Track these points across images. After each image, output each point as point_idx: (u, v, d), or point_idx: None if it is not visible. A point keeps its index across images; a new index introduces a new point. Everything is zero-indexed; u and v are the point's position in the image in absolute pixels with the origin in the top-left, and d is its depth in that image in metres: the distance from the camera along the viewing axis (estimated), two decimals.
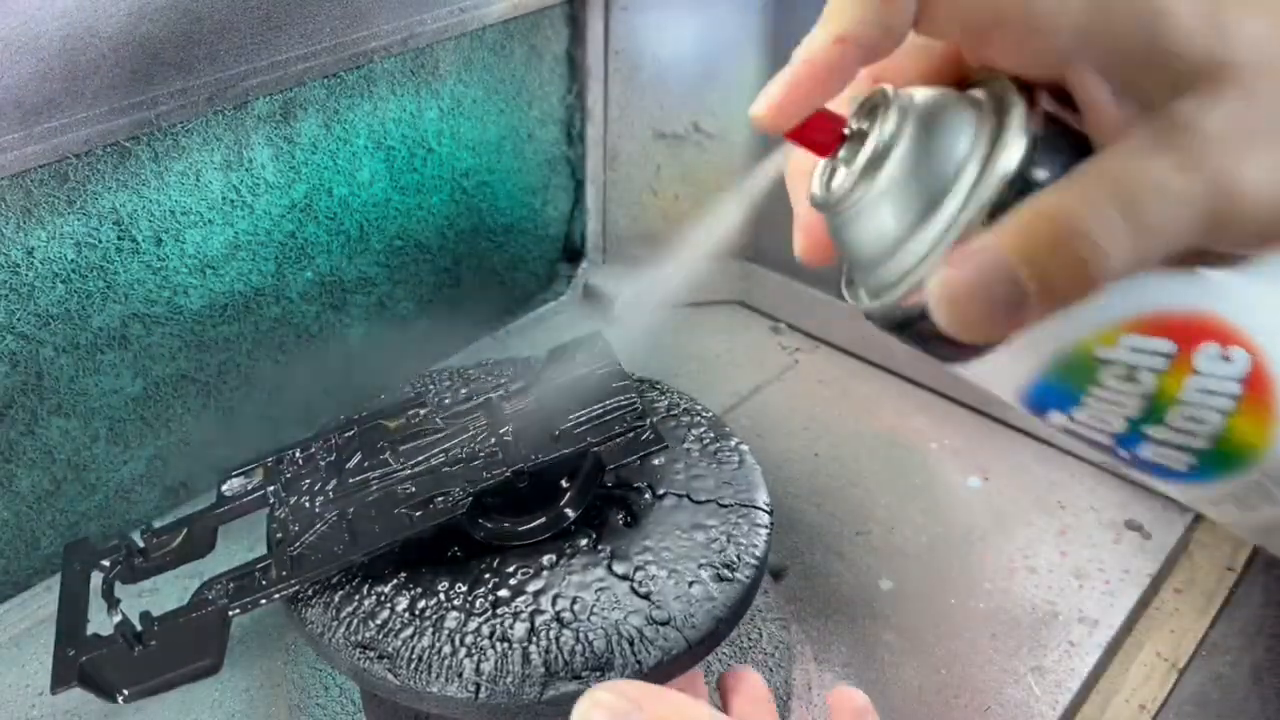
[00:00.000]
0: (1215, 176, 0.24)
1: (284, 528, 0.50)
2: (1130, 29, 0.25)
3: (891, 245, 0.29)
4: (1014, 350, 0.28)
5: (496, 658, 0.44)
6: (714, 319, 0.94)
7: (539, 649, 0.44)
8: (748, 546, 0.49)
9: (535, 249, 0.91)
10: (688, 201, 0.92)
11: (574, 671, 0.43)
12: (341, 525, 0.49)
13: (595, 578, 0.47)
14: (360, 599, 0.47)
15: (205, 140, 0.63)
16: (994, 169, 0.27)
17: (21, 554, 0.64)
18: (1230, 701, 0.62)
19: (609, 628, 0.45)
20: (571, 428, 0.52)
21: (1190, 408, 0.27)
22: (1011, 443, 0.79)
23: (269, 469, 0.54)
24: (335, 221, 0.72)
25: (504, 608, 0.46)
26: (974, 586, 0.66)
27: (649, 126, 0.89)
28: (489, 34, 0.77)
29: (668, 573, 0.47)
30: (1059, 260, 0.25)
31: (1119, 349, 0.27)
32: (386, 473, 0.51)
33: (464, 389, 0.58)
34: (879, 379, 0.86)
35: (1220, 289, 0.27)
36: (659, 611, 0.45)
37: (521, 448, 0.51)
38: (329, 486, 0.52)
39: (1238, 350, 0.27)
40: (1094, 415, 0.29)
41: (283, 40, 0.63)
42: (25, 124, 0.54)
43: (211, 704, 0.59)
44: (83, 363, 0.62)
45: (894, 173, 0.28)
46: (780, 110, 0.29)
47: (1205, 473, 0.29)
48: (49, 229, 0.58)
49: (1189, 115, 0.25)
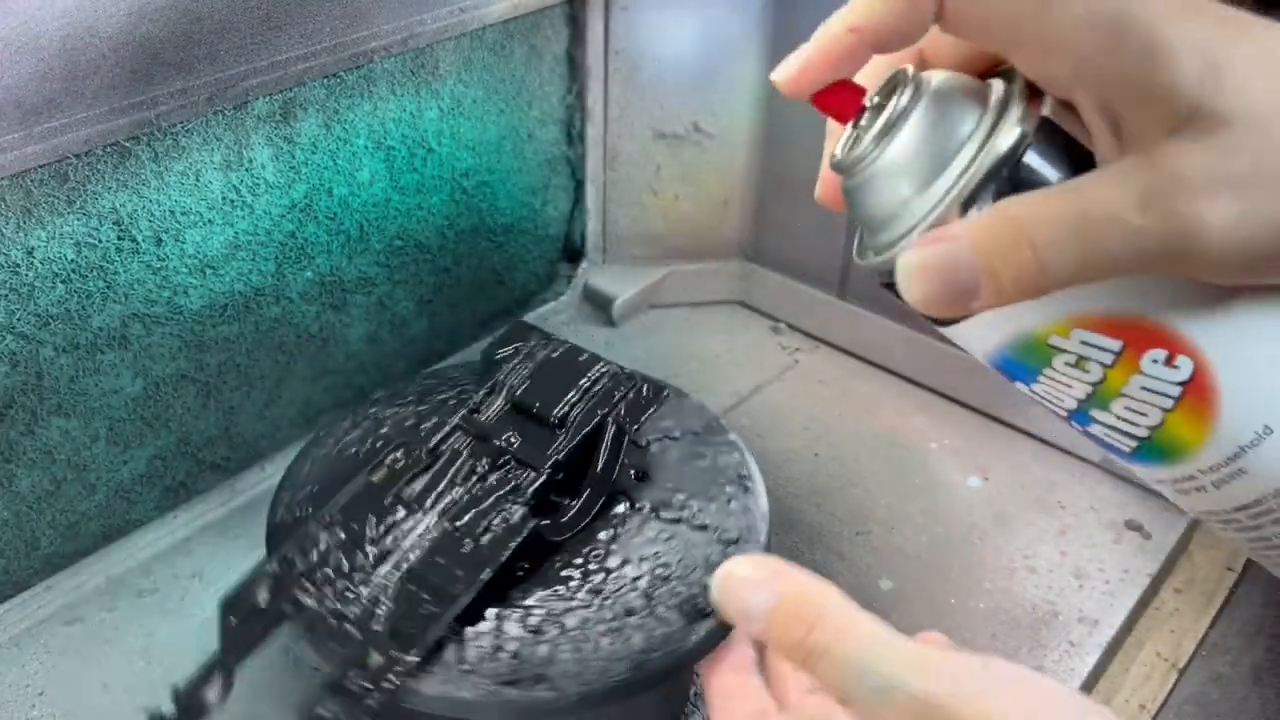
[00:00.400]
0: (1179, 219, 0.26)
1: (340, 616, 0.46)
2: (1130, 66, 0.26)
3: (890, 211, 0.31)
4: (981, 324, 0.31)
5: (644, 627, 0.46)
6: (714, 319, 0.94)
7: (667, 607, 0.47)
8: (742, 459, 0.56)
9: (535, 249, 0.91)
10: (688, 201, 0.92)
11: (704, 611, 0.46)
12: (412, 586, 0.46)
13: (656, 531, 0.51)
14: (480, 645, 0.45)
15: (205, 140, 0.63)
16: (983, 157, 0.29)
17: (21, 554, 0.64)
18: (1230, 701, 0.62)
19: (700, 564, 0.48)
20: (568, 411, 0.53)
21: (1133, 401, 0.30)
22: (1011, 443, 0.79)
23: (275, 578, 0.48)
24: (335, 221, 0.72)
25: (609, 589, 0.48)
26: (974, 586, 0.66)
27: (649, 126, 0.89)
28: (489, 34, 0.77)
29: (704, 501, 0.53)
30: (1009, 263, 0.27)
31: (1071, 340, 0.30)
32: (416, 522, 0.49)
33: (418, 420, 0.56)
34: (879, 379, 0.86)
35: (1177, 301, 0.29)
36: (726, 534, 0.51)
37: (532, 446, 0.51)
38: (363, 560, 0.48)
39: (1184, 359, 0.29)
40: (1049, 391, 0.32)
41: (283, 40, 0.63)
42: (25, 124, 0.54)
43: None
44: (83, 363, 0.62)
45: (900, 145, 0.30)
46: (794, 82, 0.33)
47: (1145, 458, 0.32)
48: (49, 229, 0.58)
49: (1170, 157, 0.26)
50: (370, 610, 0.45)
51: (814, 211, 0.77)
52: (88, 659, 0.61)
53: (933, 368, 0.84)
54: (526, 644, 0.45)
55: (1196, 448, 0.30)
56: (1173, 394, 0.29)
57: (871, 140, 0.31)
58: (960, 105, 0.30)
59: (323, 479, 0.54)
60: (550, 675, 0.44)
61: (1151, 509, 0.72)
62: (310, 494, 0.53)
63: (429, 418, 0.56)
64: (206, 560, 0.68)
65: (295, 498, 0.53)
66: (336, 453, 0.56)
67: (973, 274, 0.28)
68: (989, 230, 0.28)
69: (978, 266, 0.27)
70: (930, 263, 0.28)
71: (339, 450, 0.56)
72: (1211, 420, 0.29)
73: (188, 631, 0.63)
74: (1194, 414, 0.30)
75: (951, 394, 0.83)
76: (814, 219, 0.87)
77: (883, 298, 0.85)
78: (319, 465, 0.55)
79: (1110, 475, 0.75)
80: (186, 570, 0.68)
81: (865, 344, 0.88)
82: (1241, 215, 0.26)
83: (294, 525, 0.50)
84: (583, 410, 0.53)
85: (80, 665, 0.61)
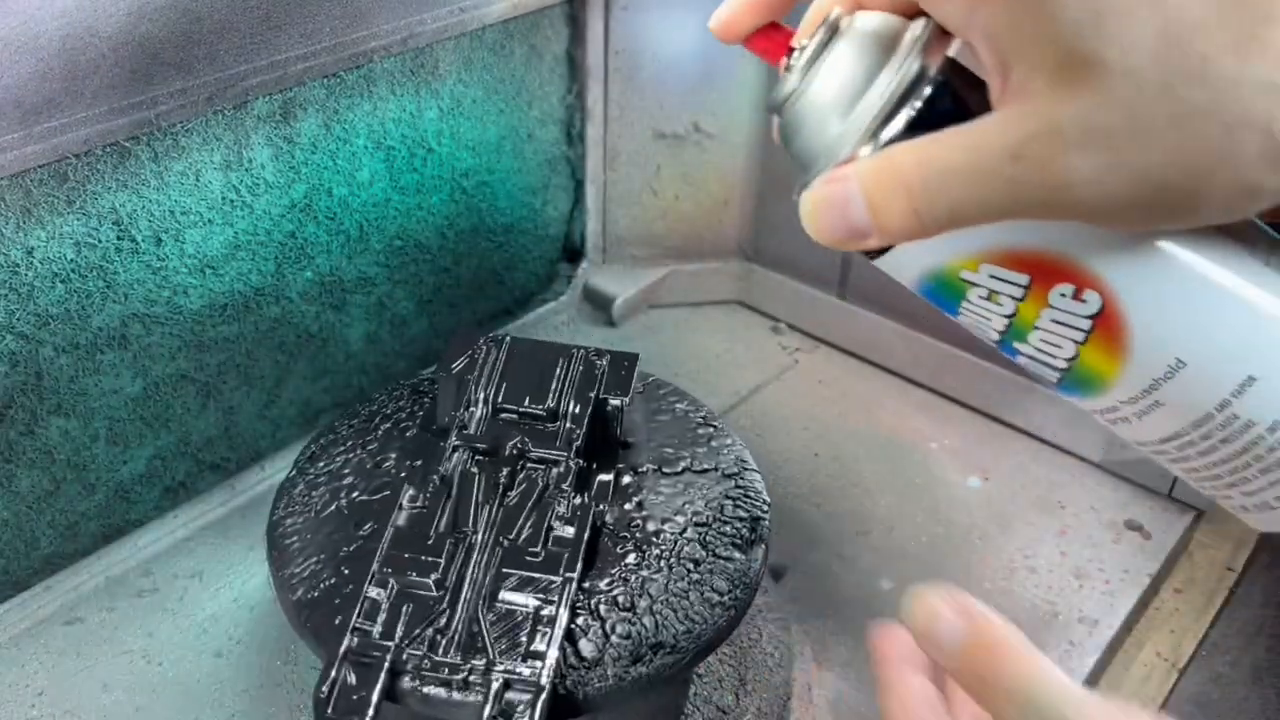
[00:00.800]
0: (1048, 172, 0.26)
1: (450, 681, 0.43)
2: (1017, 11, 0.27)
3: (813, 150, 0.32)
4: (901, 256, 0.33)
5: (716, 570, 0.48)
6: (714, 319, 0.94)
7: (724, 546, 0.50)
8: (693, 403, 0.58)
9: (535, 249, 0.91)
10: (688, 201, 0.92)
11: (751, 541, 0.50)
12: (505, 611, 0.45)
13: (670, 487, 0.53)
14: (591, 638, 0.45)
15: (205, 140, 0.63)
16: (886, 94, 0.30)
17: (21, 554, 0.64)
18: (1230, 701, 0.62)
19: (719, 499, 0.52)
20: (560, 400, 0.53)
21: (1046, 334, 0.31)
22: (1011, 443, 0.79)
23: (356, 657, 0.43)
24: (335, 221, 0.72)
25: (665, 549, 0.49)
26: (974, 586, 0.66)
27: (649, 126, 0.89)
28: (489, 34, 0.77)
29: (691, 448, 0.55)
30: (889, 207, 0.29)
31: (980, 275, 0.31)
32: (471, 551, 0.47)
33: (375, 459, 0.54)
34: (879, 379, 0.86)
35: (1081, 237, 0.30)
36: (726, 470, 0.54)
37: (545, 442, 0.51)
38: (439, 606, 0.45)
39: (1091, 293, 0.30)
40: (971, 323, 0.33)
41: (282, 40, 0.63)
42: (25, 124, 0.54)
43: (212, 704, 0.59)
44: (82, 363, 0.62)
45: (820, 84, 0.32)
46: (727, 26, 0.35)
47: (1069, 389, 0.33)
48: (48, 229, 0.58)
49: (1047, 106, 0.26)
50: (476, 651, 0.43)
51: None
52: (87, 659, 0.61)
53: (933, 368, 0.84)
54: (630, 621, 0.46)
55: (1113, 380, 0.31)
56: (1083, 327, 0.30)
57: (795, 78, 0.33)
58: (875, 44, 0.31)
59: (323, 545, 0.49)
60: (666, 641, 0.45)
61: (1151, 509, 0.72)
62: (323, 563, 0.48)
63: (385, 453, 0.54)
64: (206, 560, 0.68)
65: (309, 574, 0.48)
66: (317, 515, 0.51)
67: (862, 214, 0.29)
68: (872, 173, 0.29)
69: (865, 206, 0.29)
70: (823, 201, 0.30)
71: (319, 513, 0.51)
72: (1123, 353, 0.30)
73: (188, 631, 0.63)
74: (1106, 347, 0.31)
75: (951, 394, 0.83)
76: None
77: (883, 298, 0.85)
78: (308, 532, 0.50)
79: (1110, 475, 0.75)
80: (186, 570, 0.68)
81: (865, 344, 0.88)
82: (1109, 167, 0.26)
83: (335, 598, 0.46)
84: (573, 395, 0.53)
85: (80, 665, 0.61)
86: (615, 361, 0.55)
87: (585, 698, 0.43)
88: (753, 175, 0.90)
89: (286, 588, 0.47)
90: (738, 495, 0.52)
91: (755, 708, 0.58)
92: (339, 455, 0.54)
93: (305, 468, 0.54)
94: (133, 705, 0.59)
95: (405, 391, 0.59)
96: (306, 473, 0.54)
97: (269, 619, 0.64)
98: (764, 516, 0.51)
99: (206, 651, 0.62)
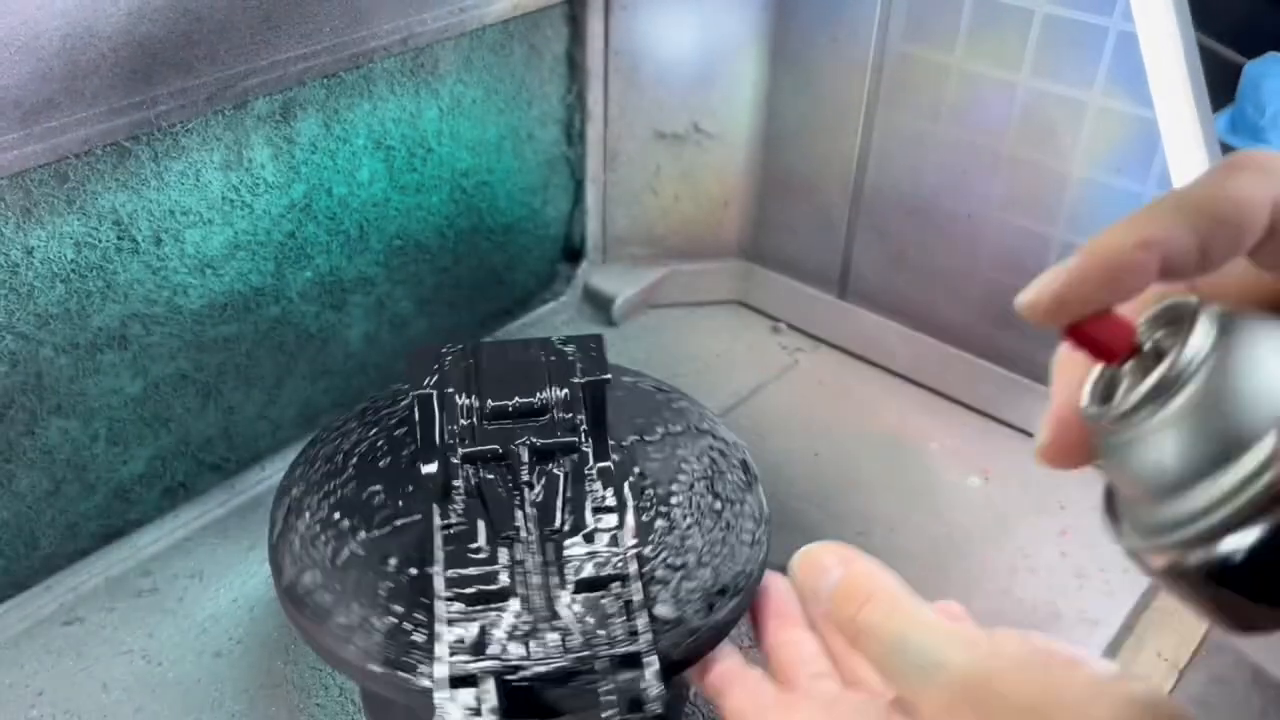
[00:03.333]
0: None
1: (575, 670, 0.43)
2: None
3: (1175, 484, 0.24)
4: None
5: (742, 514, 0.52)
6: (714, 319, 0.94)
7: (737, 492, 0.53)
8: (639, 375, 0.61)
9: (535, 249, 0.91)
10: (688, 201, 0.92)
11: (753, 479, 0.54)
12: (591, 595, 0.46)
13: (658, 454, 0.55)
14: (664, 600, 0.46)
15: (205, 140, 0.63)
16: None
17: (21, 554, 0.64)
18: (1230, 701, 0.62)
19: (706, 452, 0.55)
20: (549, 393, 0.54)
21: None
22: (1011, 442, 0.79)
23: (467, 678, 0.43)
24: (335, 221, 0.72)
25: (689, 509, 0.52)
26: (974, 586, 0.66)
27: (649, 126, 0.89)
28: (489, 34, 0.77)
29: (658, 415, 0.57)
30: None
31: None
32: (525, 552, 0.47)
33: (367, 492, 0.53)
34: (879, 379, 0.86)
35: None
36: (700, 425, 0.57)
37: (549, 433, 0.52)
38: (528, 613, 0.45)
39: None
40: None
41: (282, 40, 0.63)
42: (25, 124, 0.54)
43: (212, 704, 0.59)
44: (82, 363, 0.62)
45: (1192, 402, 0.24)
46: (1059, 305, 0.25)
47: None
48: (48, 229, 0.58)
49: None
50: (575, 644, 0.43)
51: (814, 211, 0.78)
52: (87, 659, 0.61)
53: (933, 368, 0.84)
54: (689, 577, 0.48)
55: None
56: None
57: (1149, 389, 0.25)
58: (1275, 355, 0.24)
59: (357, 591, 0.47)
60: (727, 585, 0.48)
61: None
62: (369, 608, 0.46)
63: (368, 488, 0.53)
64: (206, 560, 0.68)
65: (360, 623, 0.46)
66: (334, 564, 0.48)
67: None
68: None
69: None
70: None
71: (334, 562, 0.49)
72: None
73: (188, 631, 0.63)
74: None
75: (951, 394, 0.83)
76: (814, 219, 0.87)
77: (883, 298, 0.85)
78: (335, 583, 0.48)
79: None
80: (186, 570, 0.68)
81: (865, 344, 0.88)
82: None
83: (403, 638, 0.45)
84: (556, 384, 0.54)
85: (79, 665, 0.61)
86: (582, 345, 0.56)
87: (682, 655, 0.45)
88: (753, 175, 0.90)
89: (340, 641, 0.45)
90: (720, 446, 0.56)
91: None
92: (322, 500, 0.52)
93: (292, 521, 0.51)
94: (132, 705, 0.59)
95: (354, 423, 0.57)
96: (295, 528, 0.51)
97: (269, 619, 0.64)
98: (747, 457, 0.55)
99: (206, 651, 0.62)
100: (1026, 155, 0.73)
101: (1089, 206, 0.71)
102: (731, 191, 0.92)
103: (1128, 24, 0.65)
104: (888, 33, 0.76)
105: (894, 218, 0.82)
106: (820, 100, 0.83)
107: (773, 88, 0.86)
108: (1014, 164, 0.74)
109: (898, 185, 0.81)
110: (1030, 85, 0.71)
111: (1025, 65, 0.70)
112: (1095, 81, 0.68)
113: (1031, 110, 0.72)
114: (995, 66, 0.72)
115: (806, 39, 0.81)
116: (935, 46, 0.74)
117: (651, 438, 0.56)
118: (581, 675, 0.43)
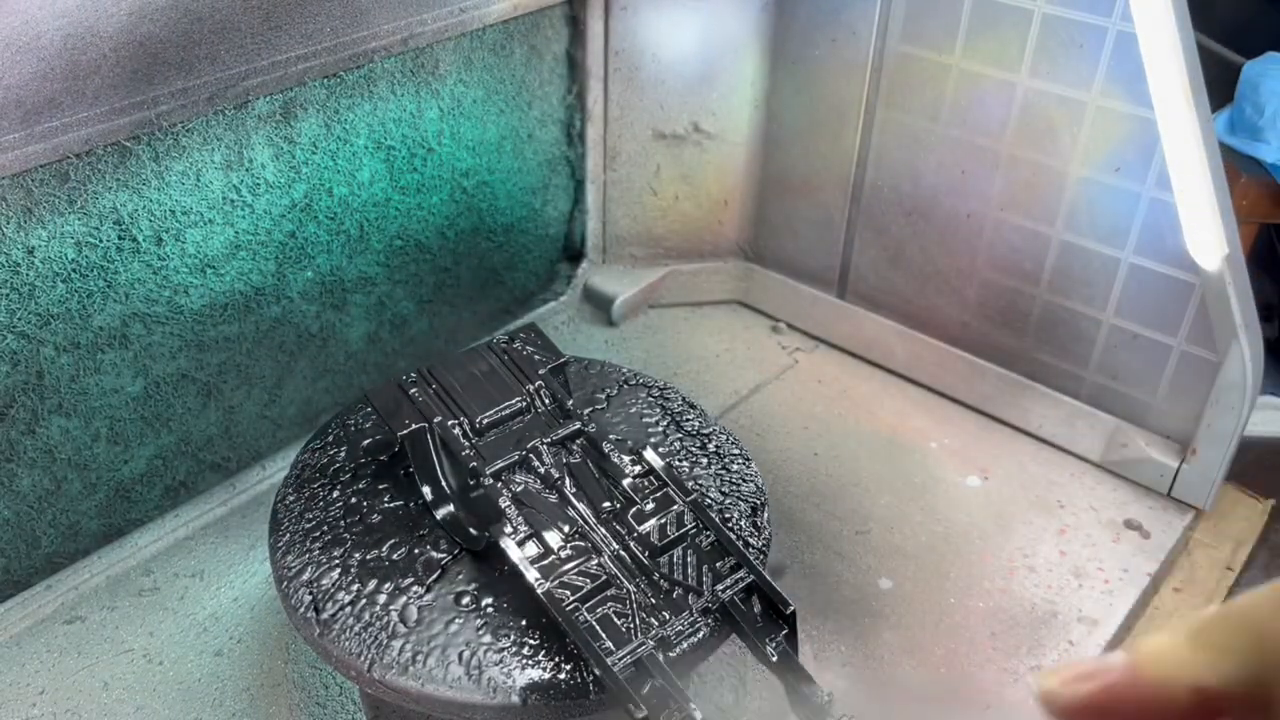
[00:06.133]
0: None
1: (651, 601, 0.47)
2: None
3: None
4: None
5: (755, 459, 0.56)
6: (714, 319, 0.94)
7: (728, 441, 0.57)
8: (548, 342, 0.61)
9: (535, 249, 0.91)
10: (688, 201, 0.92)
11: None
12: (660, 552, 0.49)
13: (618, 419, 0.59)
14: (723, 557, 0.50)
15: (205, 140, 0.63)
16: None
17: (22, 553, 0.64)
18: None
19: (659, 411, 0.59)
20: (525, 389, 0.56)
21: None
22: (1011, 442, 0.79)
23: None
24: (335, 221, 0.72)
25: (690, 470, 0.56)
26: (973, 586, 0.66)
27: (649, 126, 0.89)
28: (489, 34, 0.77)
29: (598, 377, 0.61)
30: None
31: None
32: (594, 529, 0.50)
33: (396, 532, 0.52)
34: (879, 379, 0.86)
35: None
36: (653, 388, 0.61)
37: (548, 425, 0.54)
38: (628, 579, 0.48)
39: None
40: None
41: (283, 40, 0.63)
42: (26, 124, 0.54)
43: (212, 703, 0.59)
44: (83, 362, 0.62)
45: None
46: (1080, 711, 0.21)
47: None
48: (50, 228, 0.58)
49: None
50: (686, 601, 0.47)
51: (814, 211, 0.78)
52: (88, 657, 0.62)
53: (932, 368, 0.84)
54: (727, 508, 0.53)
55: None
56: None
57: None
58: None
59: (445, 641, 0.47)
60: (757, 502, 0.54)
61: (1151, 508, 0.72)
62: (472, 651, 0.46)
63: (383, 542, 0.52)
64: (207, 559, 0.68)
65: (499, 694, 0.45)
66: (421, 600, 0.48)
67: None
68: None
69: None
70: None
71: (419, 618, 0.48)
72: None
73: (188, 630, 0.63)
74: None
75: (951, 394, 0.83)
76: (814, 219, 0.87)
77: (883, 298, 0.85)
78: (411, 634, 0.47)
79: (1110, 475, 0.75)
80: (187, 569, 0.68)
81: (865, 344, 0.88)
82: None
83: (532, 650, 0.46)
84: (529, 379, 0.56)
85: (81, 664, 0.61)
86: (527, 337, 0.59)
87: (771, 579, 0.48)
88: (753, 175, 0.90)
89: (486, 691, 0.45)
90: (658, 395, 0.60)
91: (755, 707, 0.58)
92: (334, 561, 0.50)
93: (331, 620, 0.48)
94: (133, 704, 0.59)
95: (307, 472, 0.55)
96: (348, 627, 0.48)
97: (269, 618, 0.64)
98: (693, 403, 0.60)
99: (207, 650, 0.62)
100: (1025, 155, 0.73)
101: (1088, 206, 0.71)
102: (731, 191, 0.92)
103: (1127, 24, 0.65)
104: (887, 33, 0.76)
105: (893, 217, 0.82)
106: (820, 100, 0.83)
107: (773, 88, 0.86)
108: (1013, 164, 0.74)
109: (897, 185, 0.81)
110: (1029, 85, 0.71)
111: (1024, 65, 0.71)
112: (1094, 81, 0.68)
113: (1030, 110, 0.72)
114: (995, 66, 0.72)
115: (806, 39, 0.81)
116: (935, 47, 0.75)
117: (599, 406, 0.59)
118: (706, 626, 0.46)
